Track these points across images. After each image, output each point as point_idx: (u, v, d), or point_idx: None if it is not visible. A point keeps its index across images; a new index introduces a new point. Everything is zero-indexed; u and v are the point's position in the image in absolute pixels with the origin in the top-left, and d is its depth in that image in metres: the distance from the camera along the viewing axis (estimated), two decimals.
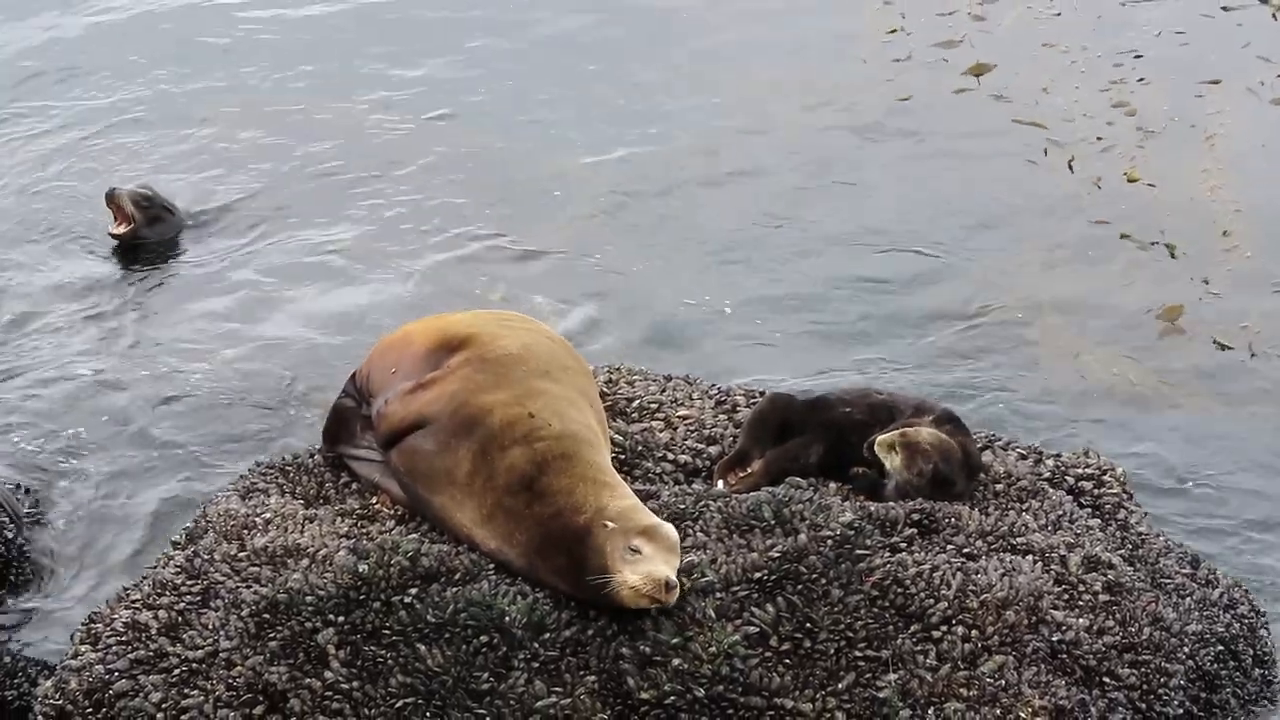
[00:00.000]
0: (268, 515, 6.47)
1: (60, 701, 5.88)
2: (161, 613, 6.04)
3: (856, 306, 10.63)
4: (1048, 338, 10.30)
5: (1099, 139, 12.25)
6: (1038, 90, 12.95)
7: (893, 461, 6.58)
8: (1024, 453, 7.14)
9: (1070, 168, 11.91)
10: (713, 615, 5.92)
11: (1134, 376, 9.88)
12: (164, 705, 5.77)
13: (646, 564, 5.81)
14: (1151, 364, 9.99)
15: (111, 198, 10.92)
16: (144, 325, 10.44)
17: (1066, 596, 6.18)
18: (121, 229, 10.93)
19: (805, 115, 12.95)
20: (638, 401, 7.26)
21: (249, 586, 6.06)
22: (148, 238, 11.02)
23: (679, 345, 10.21)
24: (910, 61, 13.49)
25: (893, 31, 13.95)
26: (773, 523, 6.26)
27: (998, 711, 5.79)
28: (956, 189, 11.84)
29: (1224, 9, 14.18)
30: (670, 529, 5.96)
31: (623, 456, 6.79)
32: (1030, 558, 6.28)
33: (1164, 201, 11.54)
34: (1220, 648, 6.39)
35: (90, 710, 5.83)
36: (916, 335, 10.30)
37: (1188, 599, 6.54)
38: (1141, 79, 13.03)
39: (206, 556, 6.26)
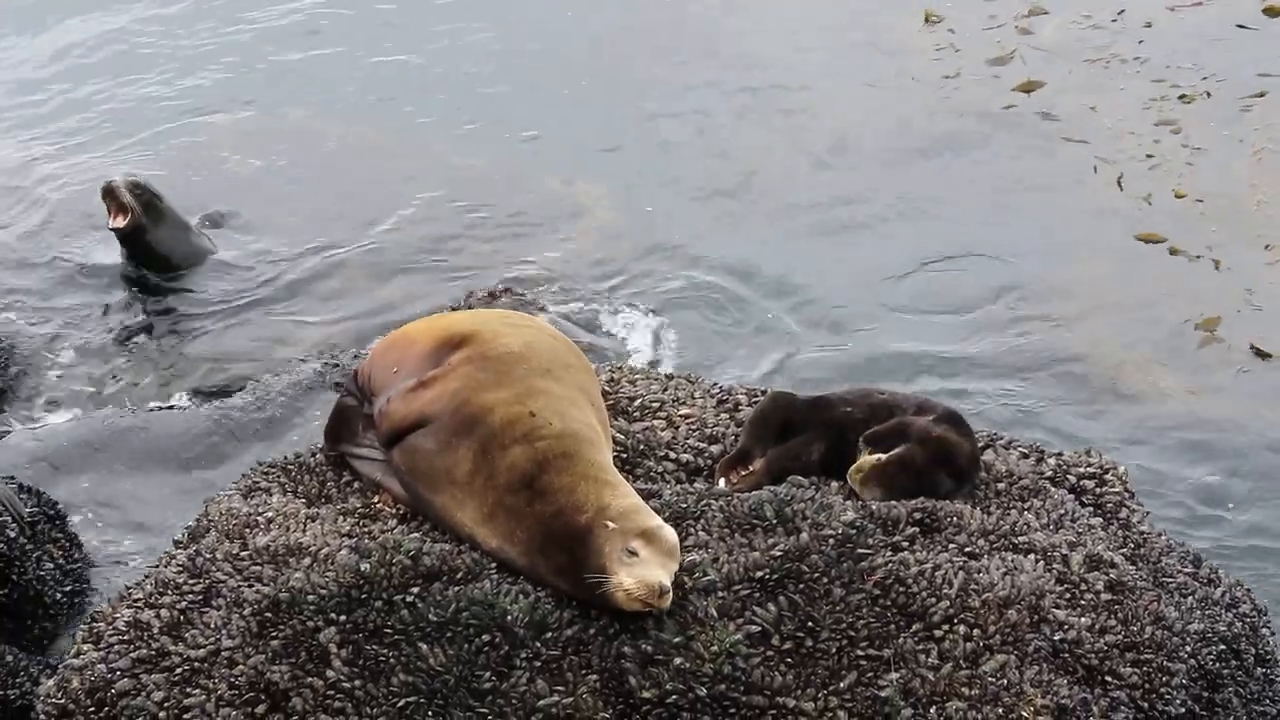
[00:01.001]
0: (270, 514, 6.46)
1: (62, 700, 5.88)
2: (164, 611, 6.05)
3: (904, 311, 10.73)
4: (1090, 344, 10.36)
5: (1148, 156, 12.30)
6: (1085, 108, 13.02)
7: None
8: (1025, 451, 7.12)
9: (1119, 185, 11.95)
10: (715, 614, 5.91)
11: (1168, 383, 9.92)
12: (166, 704, 5.76)
13: (642, 568, 5.80)
14: (1187, 372, 10.05)
15: (109, 191, 10.84)
16: (152, 336, 10.54)
17: (1068, 595, 6.15)
18: (121, 221, 10.87)
19: (855, 130, 13.02)
20: (639, 400, 7.25)
21: (251, 585, 6.06)
22: (147, 227, 10.92)
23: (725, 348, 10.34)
24: (960, 79, 13.56)
25: (941, 49, 14.00)
26: (774, 522, 6.26)
27: (1000, 710, 5.78)
28: (1008, 203, 11.96)
29: (1267, 10, 14.20)
30: (670, 532, 5.95)
31: (624, 455, 6.78)
32: (1032, 557, 6.26)
33: (1210, 216, 11.58)
34: (1222, 647, 6.36)
35: (92, 709, 5.83)
36: (964, 336, 10.42)
37: (1190, 598, 6.52)
38: (1183, 96, 13.07)
39: (208, 555, 6.26)
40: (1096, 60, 13.65)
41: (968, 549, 6.28)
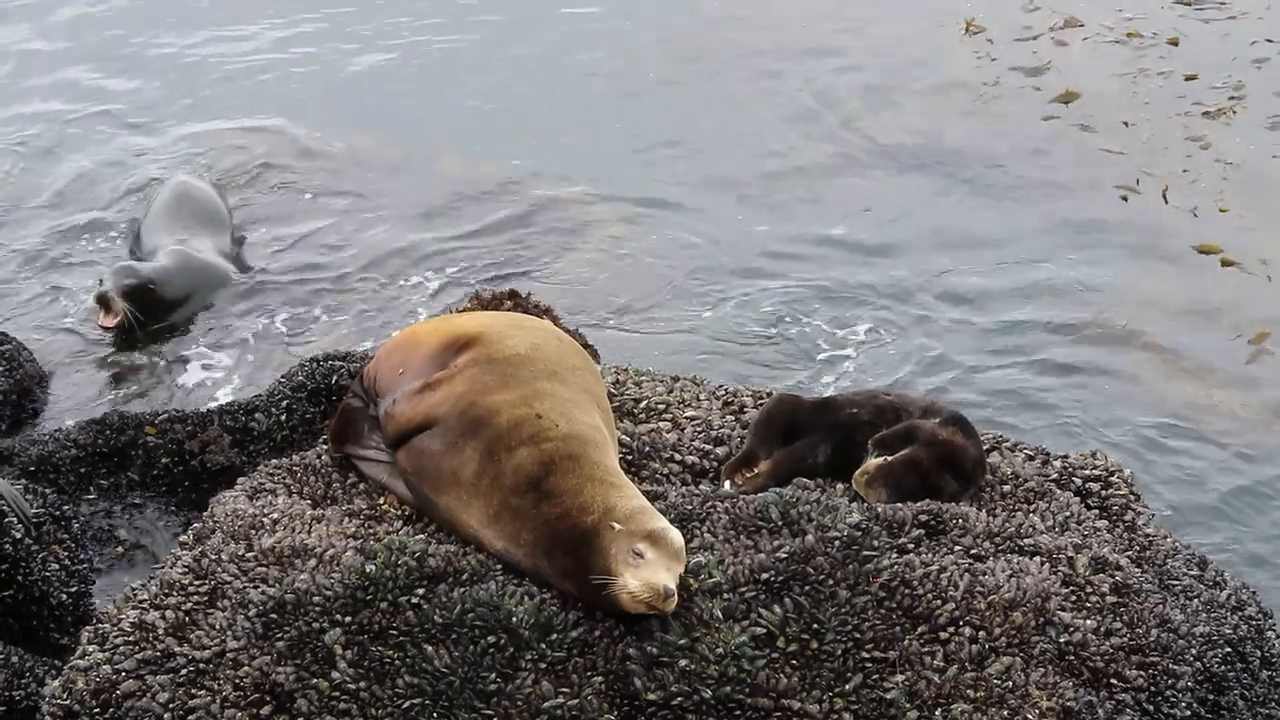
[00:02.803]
0: (275, 515, 6.47)
1: (68, 701, 5.87)
2: (169, 613, 6.05)
3: (951, 320, 10.72)
4: (1140, 356, 10.35)
5: (1184, 171, 12.31)
6: (1121, 120, 13.04)
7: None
8: (1031, 454, 7.13)
9: (1164, 197, 11.97)
10: (720, 616, 5.91)
11: (1220, 397, 9.92)
12: (171, 705, 5.76)
13: (647, 570, 5.80)
14: (1237, 386, 10.04)
15: (102, 299, 10.41)
16: (161, 343, 10.54)
17: (1074, 598, 6.16)
18: (110, 321, 10.43)
19: (893, 138, 13.04)
20: (645, 402, 7.26)
21: (256, 587, 6.07)
22: (135, 324, 10.50)
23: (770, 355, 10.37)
24: (998, 88, 13.60)
25: (980, 57, 14.04)
26: (780, 524, 6.26)
27: (1005, 713, 5.78)
28: (1051, 215, 11.96)
29: None
30: (676, 534, 5.94)
31: (630, 457, 6.79)
32: (1038, 559, 6.26)
33: (1254, 229, 11.59)
34: (1228, 649, 6.37)
35: (97, 710, 5.82)
36: (1012, 348, 10.42)
37: (1195, 600, 6.52)
38: (1208, 111, 13.09)
39: (214, 556, 6.26)
40: (1131, 73, 13.69)
41: (973, 551, 6.28)
